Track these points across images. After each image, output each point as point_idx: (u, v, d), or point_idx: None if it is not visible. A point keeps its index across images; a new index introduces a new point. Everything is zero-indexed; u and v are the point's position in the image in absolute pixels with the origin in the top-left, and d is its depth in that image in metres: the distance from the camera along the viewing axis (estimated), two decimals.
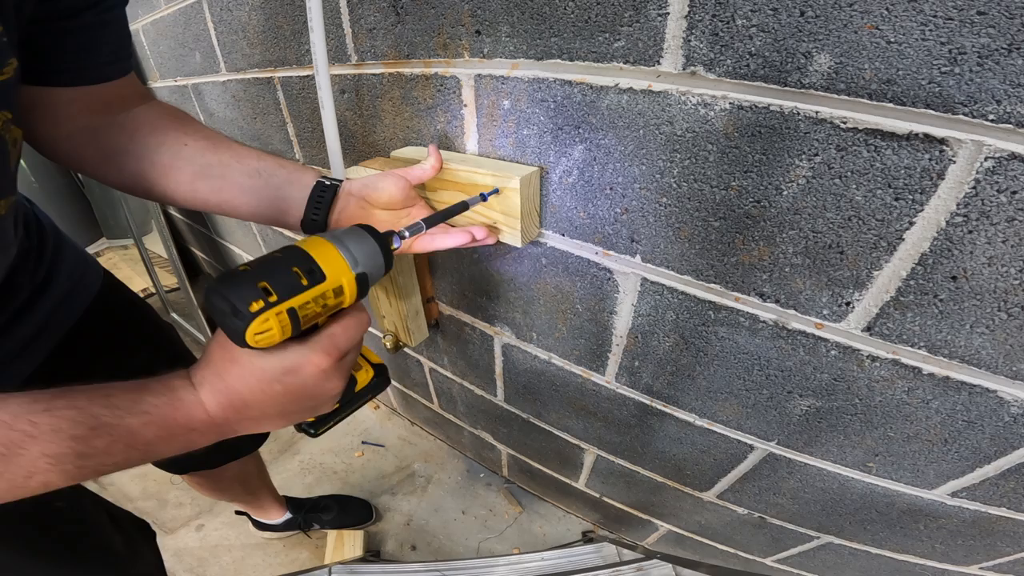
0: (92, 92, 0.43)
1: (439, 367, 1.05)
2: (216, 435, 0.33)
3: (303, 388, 0.32)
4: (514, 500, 1.22)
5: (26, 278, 0.46)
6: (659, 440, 0.73)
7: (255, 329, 0.27)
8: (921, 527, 0.57)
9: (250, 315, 0.27)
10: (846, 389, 0.48)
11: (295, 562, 1.13)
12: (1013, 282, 0.34)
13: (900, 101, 0.32)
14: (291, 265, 0.29)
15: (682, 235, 0.47)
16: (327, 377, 0.33)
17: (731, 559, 0.89)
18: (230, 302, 0.27)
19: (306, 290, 0.29)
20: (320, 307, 0.30)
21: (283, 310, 0.28)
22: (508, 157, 0.56)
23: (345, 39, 0.63)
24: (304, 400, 0.33)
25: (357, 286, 0.32)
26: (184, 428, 0.31)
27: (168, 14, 1.00)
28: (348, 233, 0.33)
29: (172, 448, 0.31)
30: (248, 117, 0.98)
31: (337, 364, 0.33)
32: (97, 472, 0.29)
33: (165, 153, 0.45)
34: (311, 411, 0.36)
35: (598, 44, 0.42)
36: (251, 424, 0.34)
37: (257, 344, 0.28)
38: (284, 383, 0.31)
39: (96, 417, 0.28)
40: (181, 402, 0.31)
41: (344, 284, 0.31)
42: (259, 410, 0.32)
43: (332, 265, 0.31)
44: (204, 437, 0.32)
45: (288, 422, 0.36)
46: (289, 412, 0.34)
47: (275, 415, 0.33)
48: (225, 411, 0.32)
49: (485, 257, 0.70)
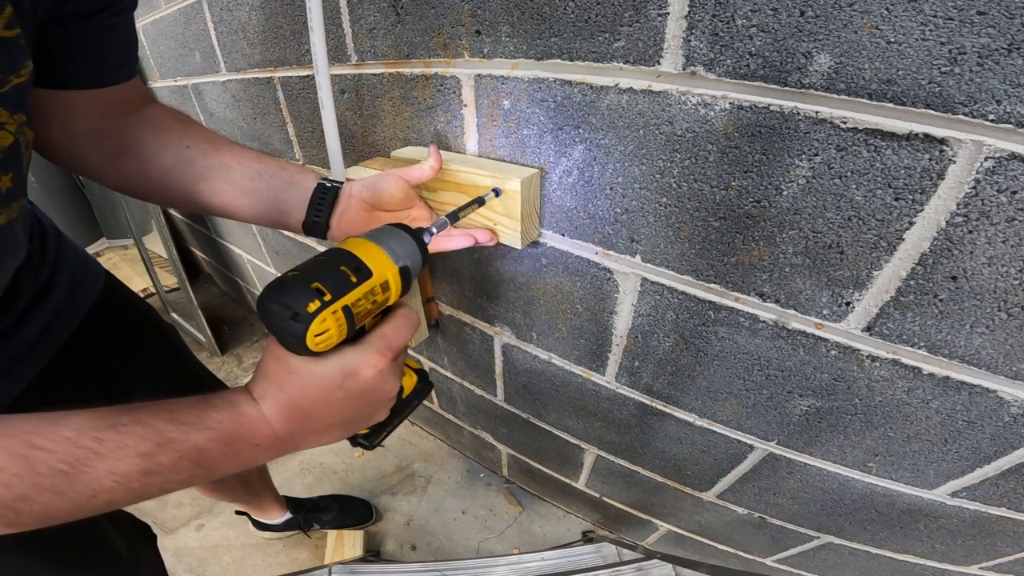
0: (100, 95, 0.43)
1: (439, 367, 1.05)
2: (280, 450, 0.32)
3: (363, 392, 0.32)
4: (514, 500, 1.22)
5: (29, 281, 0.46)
6: (659, 440, 0.73)
7: (315, 330, 0.27)
8: (921, 527, 0.57)
9: (309, 316, 0.27)
10: (846, 389, 0.48)
11: (295, 562, 1.13)
12: (1013, 282, 0.34)
13: (900, 101, 0.32)
14: (338, 264, 0.29)
15: (682, 235, 0.47)
16: (384, 378, 0.33)
17: (731, 559, 0.89)
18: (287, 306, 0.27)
19: (356, 286, 0.29)
20: (371, 303, 0.31)
21: (338, 308, 0.28)
22: (508, 157, 0.56)
23: (345, 39, 0.63)
24: (364, 406, 0.33)
25: (402, 280, 0.33)
26: (249, 444, 0.30)
27: (168, 14, 1.00)
28: (384, 231, 0.34)
29: (236, 464, 0.31)
30: (248, 117, 0.98)
31: (392, 364, 0.33)
32: (163, 489, 0.29)
33: (167, 156, 0.45)
34: (369, 418, 0.35)
35: (598, 44, 0.42)
36: (313, 437, 0.33)
37: (317, 347, 0.28)
38: (345, 388, 0.31)
39: (162, 433, 0.27)
40: (245, 417, 0.30)
41: (390, 278, 0.32)
42: (321, 420, 0.32)
43: (376, 261, 0.31)
44: (268, 453, 0.32)
45: (347, 432, 0.35)
46: (349, 420, 0.34)
47: (337, 424, 0.33)
48: (288, 424, 0.31)
49: (485, 257, 0.70)
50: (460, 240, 0.52)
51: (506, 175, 0.51)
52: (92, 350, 0.57)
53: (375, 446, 0.40)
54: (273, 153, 0.99)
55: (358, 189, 0.49)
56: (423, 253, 0.36)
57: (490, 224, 0.55)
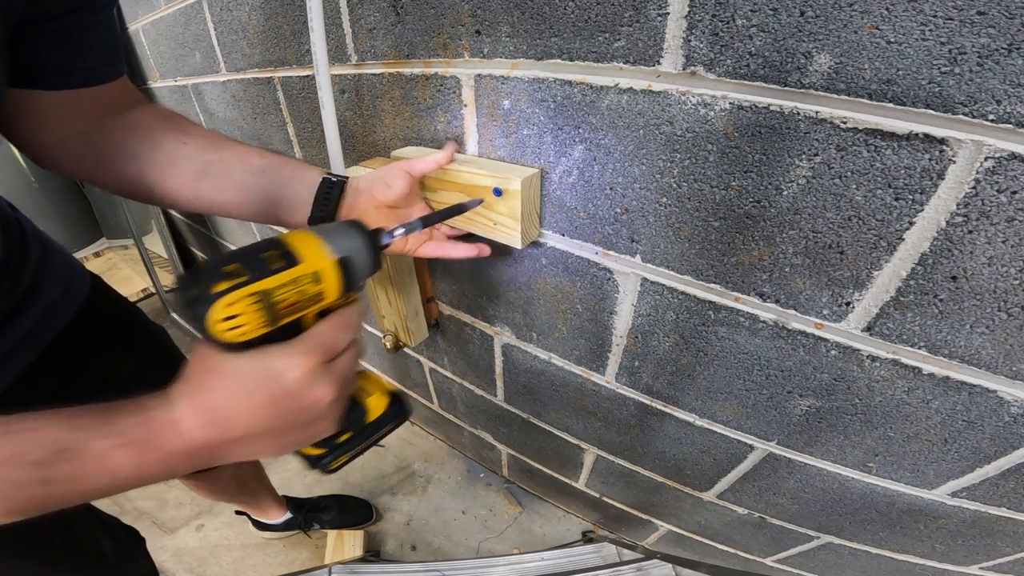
0: (84, 96, 0.42)
1: (439, 367, 1.05)
2: (200, 459, 0.29)
3: (289, 397, 0.29)
4: (514, 500, 1.22)
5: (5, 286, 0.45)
6: (659, 440, 0.73)
7: (221, 314, 0.24)
8: (921, 527, 0.57)
9: (212, 296, 0.24)
10: (846, 389, 0.48)
11: (295, 562, 1.13)
12: (1013, 282, 0.34)
13: (900, 101, 0.32)
14: (263, 250, 0.27)
15: (682, 235, 0.47)
16: (314, 382, 0.29)
17: (731, 559, 0.89)
18: (192, 285, 0.24)
19: (277, 272, 0.26)
20: (297, 294, 0.28)
21: (253, 292, 0.25)
22: (508, 157, 0.56)
23: (345, 39, 0.63)
24: (293, 414, 0.30)
25: (341, 273, 0.30)
26: (160, 452, 0.28)
27: (168, 14, 1.00)
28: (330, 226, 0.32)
29: (149, 473, 0.28)
30: (248, 117, 0.98)
31: (325, 367, 0.30)
32: (66, 500, 0.27)
33: (164, 153, 0.44)
34: (306, 429, 0.32)
35: (598, 44, 0.42)
36: (239, 447, 0.30)
37: (226, 335, 0.25)
38: (267, 392, 0.28)
39: (60, 441, 0.25)
40: (154, 422, 0.27)
41: (323, 269, 0.29)
42: (244, 427, 0.29)
43: (309, 249, 0.28)
44: (185, 461, 0.29)
45: (283, 444, 0.32)
46: (280, 430, 0.30)
47: (263, 433, 0.30)
48: (206, 430, 0.28)
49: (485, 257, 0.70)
50: (466, 250, 0.53)
51: (506, 175, 0.51)
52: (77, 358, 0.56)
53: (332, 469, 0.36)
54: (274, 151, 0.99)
55: (365, 183, 0.48)
56: (373, 252, 0.33)
57: (490, 224, 0.55)
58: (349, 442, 0.37)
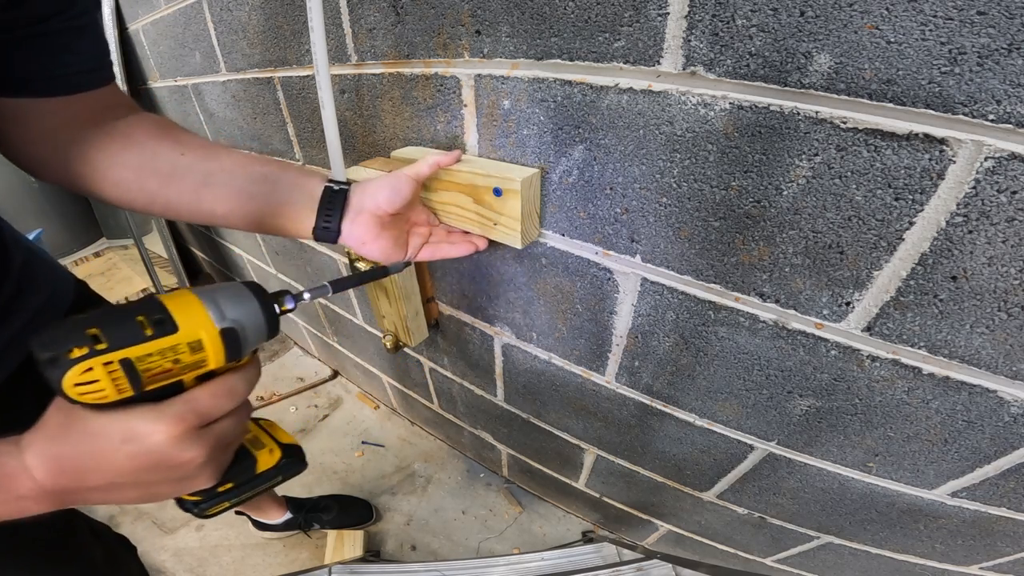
0: (71, 103, 0.41)
1: (439, 367, 1.05)
2: (54, 503, 0.29)
3: (152, 457, 0.28)
4: (514, 500, 1.22)
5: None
6: (659, 440, 0.73)
7: (74, 379, 0.24)
8: (921, 527, 0.57)
9: (68, 362, 0.23)
10: (846, 389, 0.48)
11: (295, 562, 1.13)
12: (1013, 282, 0.34)
13: (900, 101, 0.32)
14: (137, 314, 0.26)
15: (682, 235, 0.47)
16: (181, 446, 0.28)
17: (731, 559, 0.89)
18: (46, 347, 0.23)
19: (148, 340, 0.25)
20: (171, 363, 0.27)
21: (114, 360, 0.24)
22: (508, 157, 0.56)
23: (345, 39, 0.63)
24: (159, 471, 0.29)
25: (224, 342, 0.28)
26: (11, 495, 0.28)
27: (168, 14, 1.00)
28: (222, 287, 0.30)
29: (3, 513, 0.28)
30: (248, 117, 0.98)
31: (194, 433, 0.29)
32: None
33: (163, 163, 0.43)
34: (177, 484, 0.31)
35: (598, 44, 0.42)
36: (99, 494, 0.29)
37: (82, 399, 0.25)
38: (126, 452, 0.27)
39: None
40: (4, 467, 0.27)
41: (204, 338, 0.28)
42: (102, 479, 0.28)
43: (190, 316, 0.27)
44: (39, 504, 0.28)
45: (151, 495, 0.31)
46: (147, 483, 0.29)
47: (128, 484, 0.29)
48: (56, 479, 0.28)
49: (485, 257, 0.70)
50: (463, 248, 0.53)
51: (506, 175, 0.51)
52: None
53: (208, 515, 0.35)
54: (273, 153, 0.99)
55: (370, 191, 0.47)
56: (269, 319, 0.31)
57: (490, 224, 0.55)
58: (231, 492, 0.36)
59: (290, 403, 1.56)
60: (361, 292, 1.08)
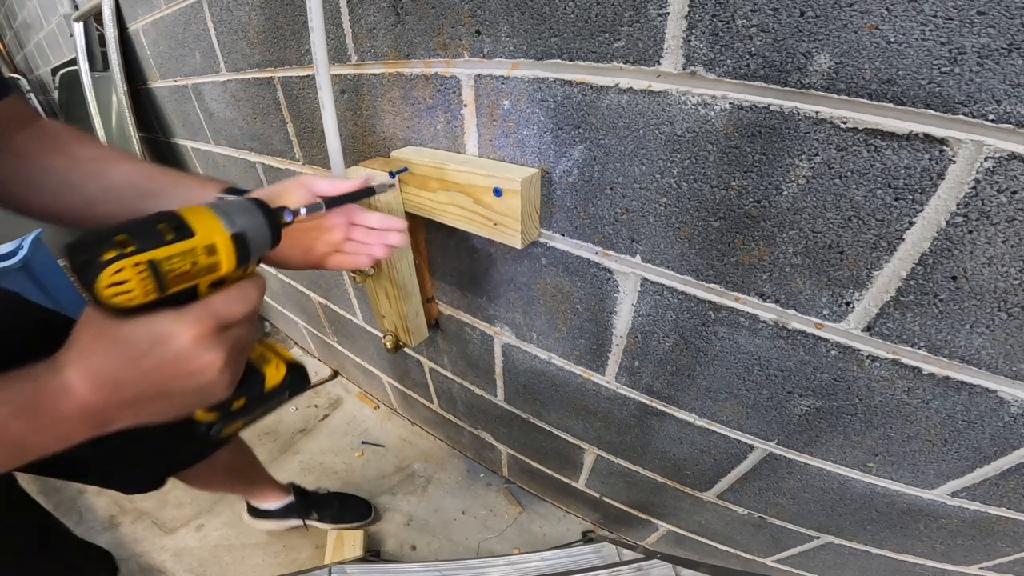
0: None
1: (439, 367, 1.05)
2: (92, 424, 0.29)
3: (177, 361, 0.29)
4: (514, 500, 1.23)
5: None
6: (659, 440, 0.73)
7: (107, 280, 0.26)
8: (921, 527, 0.57)
9: (101, 264, 0.25)
10: (846, 389, 0.48)
11: (295, 562, 1.13)
12: (1013, 282, 0.34)
13: (900, 101, 0.32)
14: (158, 222, 0.28)
15: (682, 235, 0.47)
16: (202, 348, 0.30)
17: (731, 559, 0.89)
18: (82, 251, 0.26)
19: (169, 243, 0.27)
20: (189, 265, 0.29)
21: (141, 261, 0.26)
22: (508, 158, 0.56)
23: (345, 39, 0.63)
24: (183, 378, 0.30)
25: (235, 246, 0.31)
26: (54, 417, 0.28)
27: (168, 14, 1.00)
28: (231, 202, 0.33)
29: (45, 441, 0.28)
30: (248, 117, 0.98)
31: (215, 335, 0.30)
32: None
33: (53, 181, 0.44)
34: (197, 394, 0.32)
35: (598, 44, 0.42)
36: (130, 410, 0.30)
37: (113, 300, 0.26)
38: (155, 356, 0.28)
39: None
40: (45, 387, 0.28)
41: (218, 243, 0.30)
42: (134, 390, 0.29)
43: (204, 223, 0.29)
44: (77, 427, 0.29)
45: (174, 408, 0.32)
46: (170, 393, 0.30)
47: (153, 396, 0.30)
48: (95, 394, 0.28)
49: (485, 257, 0.70)
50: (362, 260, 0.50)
51: (506, 175, 0.51)
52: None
53: (224, 436, 0.38)
54: (273, 153, 0.99)
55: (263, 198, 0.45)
56: (273, 229, 0.34)
57: (490, 224, 0.55)
58: (243, 410, 0.38)
59: (290, 403, 1.56)
60: (361, 292, 1.08)
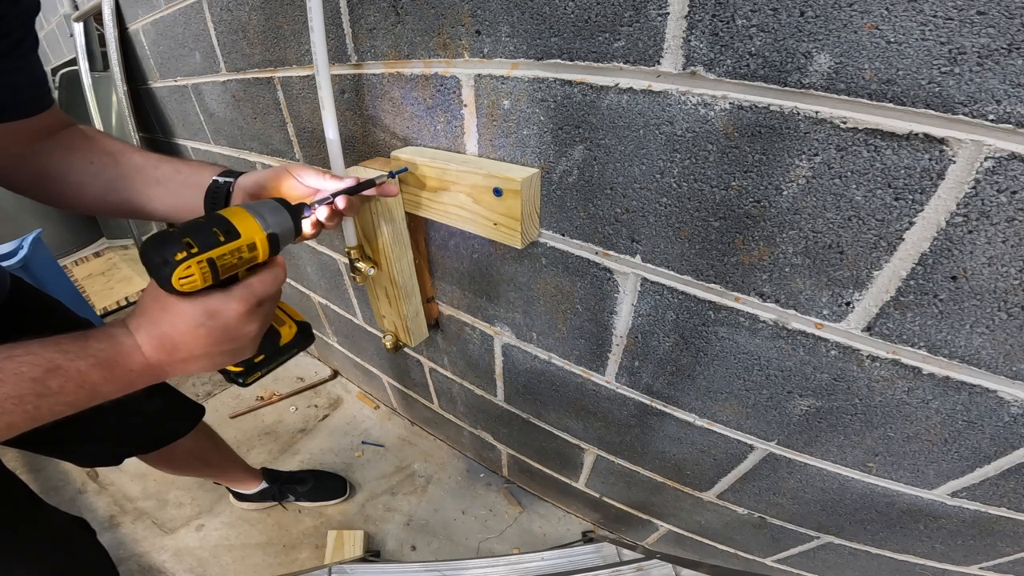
0: (19, 126, 0.49)
1: (439, 367, 1.05)
2: (151, 376, 0.37)
3: (224, 330, 0.37)
4: (514, 500, 1.23)
5: None
6: (659, 440, 0.73)
7: (179, 274, 0.33)
8: (921, 527, 0.57)
9: (176, 263, 0.33)
10: (846, 389, 0.48)
11: (295, 562, 1.13)
12: (1013, 282, 0.34)
13: (900, 101, 0.32)
14: (212, 226, 0.35)
15: (682, 235, 0.47)
16: (245, 320, 0.38)
17: (731, 559, 0.89)
18: (159, 253, 0.33)
19: (222, 245, 0.35)
20: (236, 259, 0.36)
21: (203, 259, 0.34)
22: (508, 157, 0.56)
23: (345, 39, 0.63)
24: (226, 342, 0.38)
25: (269, 243, 0.39)
26: (124, 369, 0.36)
27: (168, 14, 1.01)
28: (263, 204, 0.41)
29: (115, 388, 0.36)
30: (248, 117, 0.98)
31: (255, 309, 0.39)
32: (53, 412, 0.33)
33: (74, 173, 0.52)
34: (234, 354, 0.40)
35: (598, 44, 0.42)
36: (181, 365, 0.38)
37: (181, 288, 0.34)
38: (207, 326, 0.36)
39: (51, 360, 0.32)
40: (122, 346, 0.36)
41: (257, 241, 0.38)
42: (188, 351, 0.37)
43: (246, 226, 0.37)
44: (142, 378, 0.37)
45: (214, 363, 0.40)
46: (214, 353, 0.38)
47: (202, 355, 0.38)
48: (158, 353, 0.36)
49: (485, 257, 0.70)
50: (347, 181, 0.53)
51: (506, 175, 0.51)
52: None
53: (248, 383, 0.46)
54: (274, 154, 0.99)
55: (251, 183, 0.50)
56: (295, 224, 0.43)
57: (490, 224, 0.55)
58: (263, 362, 0.46)
59: (290, 403, 1.56)
60: (361, 292, 1.08)
